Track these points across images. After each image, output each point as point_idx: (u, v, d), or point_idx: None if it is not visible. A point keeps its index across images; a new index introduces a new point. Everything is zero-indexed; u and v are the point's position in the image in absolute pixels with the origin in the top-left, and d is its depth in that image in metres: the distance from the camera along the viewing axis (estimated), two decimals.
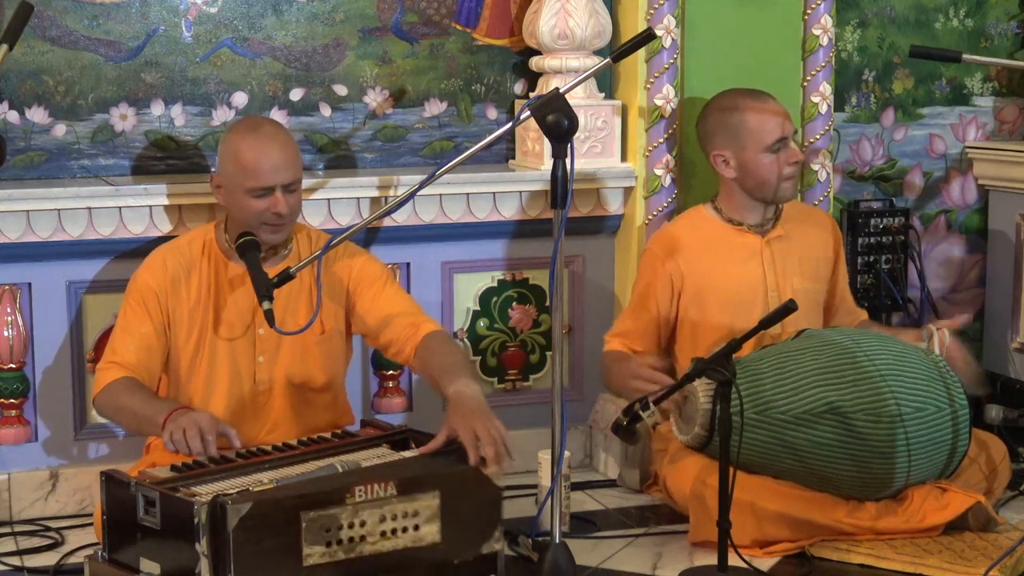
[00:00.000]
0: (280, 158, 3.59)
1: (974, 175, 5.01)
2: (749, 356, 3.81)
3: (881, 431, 3.64)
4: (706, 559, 3.59)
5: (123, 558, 3.23)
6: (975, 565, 3.50)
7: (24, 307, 3.99)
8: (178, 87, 4.17)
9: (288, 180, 3.60)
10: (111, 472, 3.27)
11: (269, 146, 3.59)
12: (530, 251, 4.39)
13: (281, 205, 3.58)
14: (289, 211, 3.61)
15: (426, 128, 4.41)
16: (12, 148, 4.02)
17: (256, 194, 3.58)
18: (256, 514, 3.06)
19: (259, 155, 3.58)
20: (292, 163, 3.62)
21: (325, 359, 3.75)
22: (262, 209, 3.58)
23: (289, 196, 3.61)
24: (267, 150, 3.59)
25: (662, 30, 4.28)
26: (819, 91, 4.46)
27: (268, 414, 3.72)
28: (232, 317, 3.69)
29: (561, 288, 3.35)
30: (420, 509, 3.25)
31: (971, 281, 5.06)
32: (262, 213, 3.59)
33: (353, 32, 4.30)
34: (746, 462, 3.62)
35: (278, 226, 3.62)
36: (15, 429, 4.01)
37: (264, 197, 3.58)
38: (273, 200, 3.58)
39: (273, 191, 3.58)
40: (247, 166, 3.58)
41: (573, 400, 4.44)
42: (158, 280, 3.67)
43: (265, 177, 3.57)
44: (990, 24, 4.97)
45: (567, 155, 3.22)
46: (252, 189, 3.58)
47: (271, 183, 3.58)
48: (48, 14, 4.03)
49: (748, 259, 4.10)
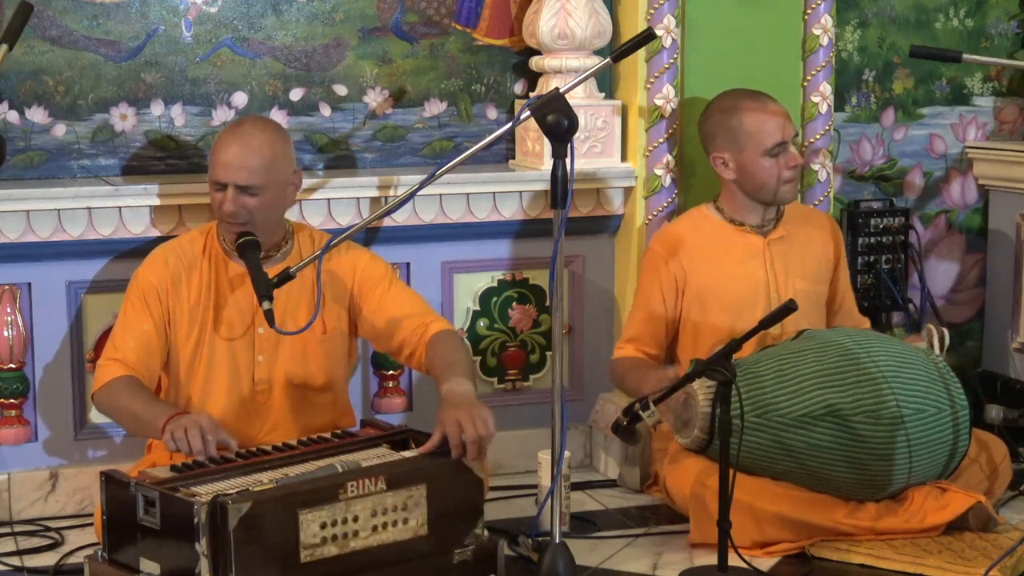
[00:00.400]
0: (239, 157, 3.55)
1: (974, 175, 5.01)
2: (749, 358, 3.81)
3: (882, 432, 3.64)
4: (706, 559, 3.59)
5: (123, 558, 3.23)
6: (975, 565, 3.50)
7: (24, 307, 3.99)
8: (178, 87, 4.17)
9: (243, 182, 3.55)
10: (111, 472, 3.27)
11: (236, 143, 3.58)
12: (530, 251, 4.39)
13: (227, 203, 3.55)
14: (241, 214, 3.57)
15: (426, 128, 4.41)
16: (12, 148, 4.02)
17: (215, 187, 3.60)
18: (256, 514, 3.06)
19: (223, 150, 3.58)
20: (254, 166, 3.55)
21: (326, 359, 3.75)
22: (218, 202, 3.60)
23: (246, 198, 3.56)
24: (231, 147, 3.57)
25: (662, 30, 4.28)
26: (819, 91, 4.46)
27: (268, 413, 3.72)
28: (232, 316, 3.69)
29: (561, 288, 3.35)
30: (408, 502, 3.28)
31: (971, 281, 5.06)
32: (218, 207, 3.60)
33: (353, 32, 4.30)
34: (746, 464, 3.62)
35: (232, 226, 3.60)
36: (15, 429, 4.01)
37: (220, 192, 3.59)
38: (223, 197, 3.57)
39: (225, 188, 3.57)
40: (214, 158, 3.61)
41: (573, 400, 4.44)
42: (159, 278, 3.67)
43: (218, 171, 3.58)
44: (990, 24, 4.97)
45: (567, 155, 3.22)
46: (212, 181, 3.61)
47: (223, 179, 3.57)
48: (48, 14, 4.03)
49: (750, 259, 4.10)
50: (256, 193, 3.57)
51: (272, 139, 3.62)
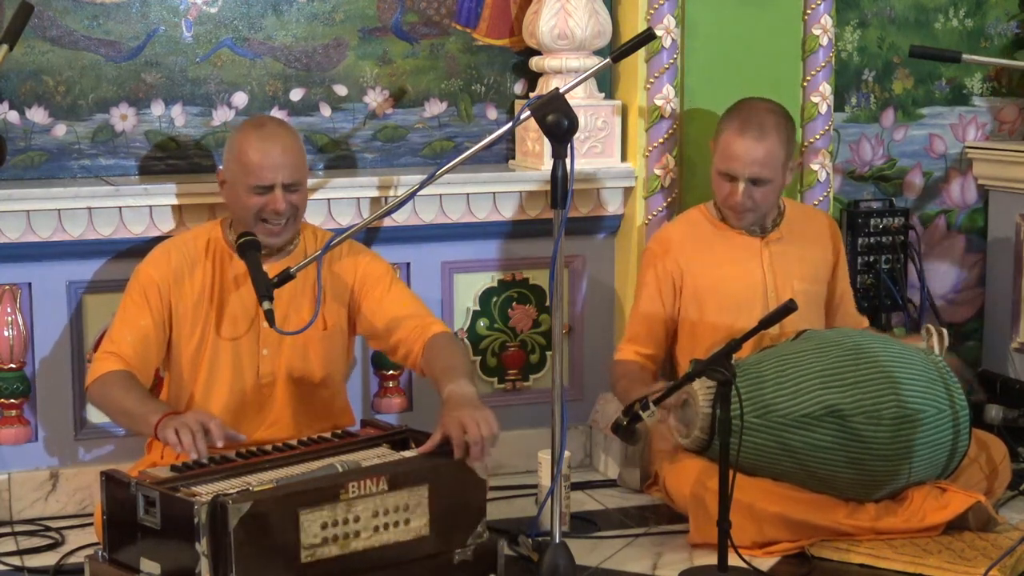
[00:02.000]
0: (281, 156, 3.61)
1: (974, 175, 5.01)
2: (750, 358, 3.81)
3: (882, 433, 3.65)
4: (706, 559, 3.60)
5: (123, 558, 3.23)
6: (975, 565, 3.50)
7: (24, 307, 3.99)
8: (178, 87, 4.17)
9: (289, 180, 3.61)
10: (111, 472, 3.27)
11: (271, 144, 3.61)
12: (530, 251, 4.39)
13: (279, 203, 3.59)
14: (288, 210, 3.62)
15: (426, 128, 4.41)
16: (12, 148, 4.02)
17: (257, 191, 3.60)
18: (256, 514, 3.06)
19: (261, 153, 3.60)
20: (294, 163, 3.63)
21: (325, 355, 3.76)
22: (261, 206, 3.60)
23: (291, 195, 3.62)
24: (269, 148, 3.60)
25: (662, 30, 4.28)
26: (819, 91, 4.46)
27: (270, 407, 3.72)
28: (236, 312, 3.69)
29: (561, 288, 3.35)
30: (410, 502, 3.28)
31: (971, 281, 5.06)
32: (261, 211, 3.60)
33: (353, 32, 4.31)
34: (746, 464, 3.62)
35: (275, 226, 3.63)
36: (15, 429, 4.01)
37: (264, 195, 3.60)
38: (272, 198, 3.59)
39: (272, 189, 3.59)
40: (249, 163, 3.60)
41: (573, 400, 4.44)
42: (161, 273, 3.67)
43: (265, 175, 3.59)
44: (990, 24, 4.97)
45: (567, 155, 3.22)
46: (253, 186, 3.59)
47: (271, 181, 3.59)
48: (48, 14, 4.03)
49: (747, 260, 4.10)
50: (298, 189, 3.64)
51: (297, 137, 3.73)
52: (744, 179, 3.98)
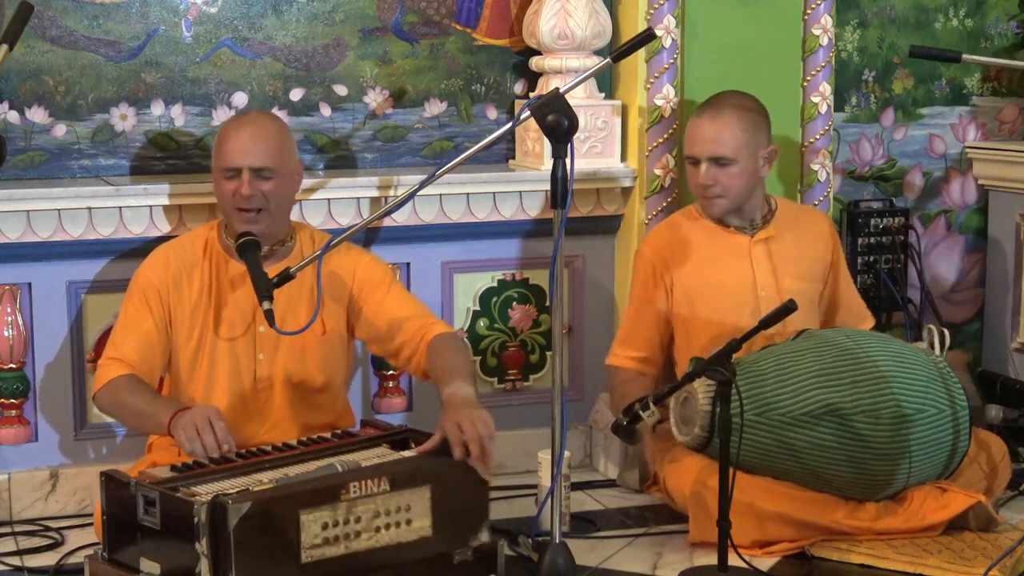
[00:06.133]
0: (250, 140, 3.60)
1: (974, 175, 5.01)
2: (750, 357, 3.81)
3: (882, 432, 3.65)
4: (706, 559, 3.60)
5: (123, 558, 3.23)
6: (975, 565, 3.50)
7: (24, 307, 3.99)
8: (178, 87, 4.17)
9: (258, 164, 3.59)
10: (111, 472, 3.27)
11: (243, 128, 3.63)
12: (530, 251, 4.39)
13: (244, 187, 3.58)
14: (257, 199, 3.59)
15: (426, 128, 4.41)
16: (12, 148, 4.02)
17: (226, 175, 3.61)
18: (256, 514, 3.06)
19: (232, 136, 3.61)
20: (265, 149, 3.61)
21: (324, 359, 3.75)
22: (232, 191, 3.60)
23: (262, 183, 3.60)
24: (239, 131, 3.61)
25: (662, 30, 4.28)
26: (819, 91, 4.46)
27: (269, 411, 3.72)
28: (233, 315, 3.69)
29: (561, 288, 3.35)
30: (412, 503, 3.28)
31: (971, 281, 5.06)
32: (233, 197, 3.60)
33: (353, 32, 4.31)
34: (746, 463, 3.62)
35: (247, 212, 3.61)
36: (15, 429, 4.01)
37: (233, 179, 3.60)
38: (239, 182, 3.59)
39: (238, 174, 3.59)
40: (220, 147, 3.63)
41: (573, 400, 4.44)
42: (160, 277, 3.67)
43: (232, 157, 3.60)
44: (990, 24, 4.97)
45: (567, 155, 3.22)
46: (223, 170, 3.61)
47: (238, 164, 3.59)
48: (48, 14, 4.03)
49: (736, 259, 4.09)
50: (270, 176, 3.61)
51: (279, 126, 3.71)
52: (704, 159, 3.98)
